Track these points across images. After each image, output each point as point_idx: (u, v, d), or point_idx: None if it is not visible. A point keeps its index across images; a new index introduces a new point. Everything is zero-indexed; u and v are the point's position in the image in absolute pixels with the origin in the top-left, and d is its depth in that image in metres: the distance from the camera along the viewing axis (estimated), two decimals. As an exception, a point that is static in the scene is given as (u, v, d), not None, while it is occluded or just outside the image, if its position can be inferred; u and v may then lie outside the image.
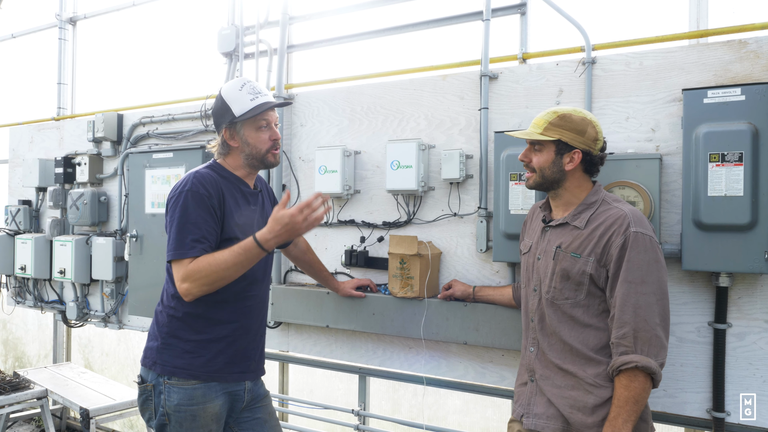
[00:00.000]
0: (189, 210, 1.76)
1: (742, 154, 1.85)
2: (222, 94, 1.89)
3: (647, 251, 1.62)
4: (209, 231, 1.76)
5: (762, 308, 1.98)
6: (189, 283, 1.72)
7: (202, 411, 1.84)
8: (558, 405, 1.71)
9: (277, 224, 1.71)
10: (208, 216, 1.77)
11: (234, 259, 1.71)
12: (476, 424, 3.01)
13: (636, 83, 2.17)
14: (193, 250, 1.73)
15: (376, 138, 2.71)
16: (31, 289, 3.95)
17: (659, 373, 1.58)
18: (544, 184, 1.79)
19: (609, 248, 1.65)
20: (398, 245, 2.40)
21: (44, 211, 4.01)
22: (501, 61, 2.50)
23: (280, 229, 1.70)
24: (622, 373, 1.59)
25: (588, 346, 1.69)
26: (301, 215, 1.70)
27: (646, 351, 1.57)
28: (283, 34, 2.99)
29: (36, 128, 4.12)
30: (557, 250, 1.75)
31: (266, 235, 1.71)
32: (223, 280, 1.74)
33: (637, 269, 1.61)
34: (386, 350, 2.66)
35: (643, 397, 1.57)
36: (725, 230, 1.89)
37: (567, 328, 1.72)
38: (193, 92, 3.50)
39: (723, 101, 1.91)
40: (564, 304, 1.72)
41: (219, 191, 1.83)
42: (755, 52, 1.99)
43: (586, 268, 1.68)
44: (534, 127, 1.78)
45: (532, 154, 1.79)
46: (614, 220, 1.67)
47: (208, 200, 1.78)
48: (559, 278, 1.73)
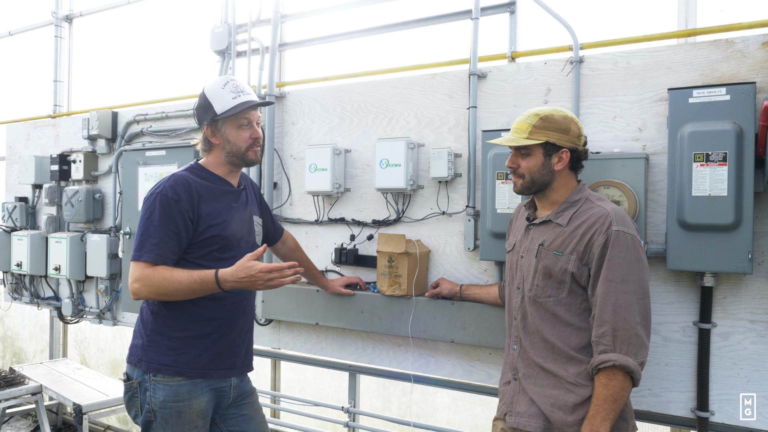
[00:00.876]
0: (154, 214, 1.79)
1: (727, 154, 1.85)
2: (205, 91, 1.91)
3: (629, 250, 1.62)
4: (170, 236, 1.78)
5: (746, 308, 1.98)
6: (140, 284, 1.76)
7: (188, 407, 1.85)
8: (539, 404, 1.71)
9: (242, 272, 1.71)
10: (171, 221, 1.79)
11: (189, 285, 1.74)
12: (465, 422, 3.03)
13: (623, 82, 2.17)
14: (149, 254, 1.76)
15: (366, 136, 2.72)
16: (28, 286, 3.97)
17: (638, 372, 1.58)
18: (533, 187, 1.78)
19: (591, 247, 1.65)
20: (386, 243, 2.41)
21: (40, 208, 4.03)
22: (490, 59, 2.50)
23: (243, 277, 1.71)
24: (601, 371, 1.60)
25: (569, 344, 1.69)
26: (268, 275, 1.70)
27: (625, 350, 1.58)
28: (275, 32, 2.99)
29: (32, 125, 4.13)
30: (540, 248, 1.75)
31: (228, 277, 1.72)
32: (172, 297, 1.78)
33: (618, 268, 1.61)
34: (375, 348, 2.67)
35: (621, 396, 1.58)
36: (709, 230, 1.89)
37: (549, 326, 1.72)
38: (186, 90, 3.51)
39: (708, 101, 1.91)
40: (546, 302, 1.73)
41: (192, 193, 1.83)
42: (742, 51, 1.98)
43: (568, 266, 1.68)
44: (517, 132, 1.76)
45: (519, 159, 1.78)
46: (596, 218, 1.67)
47: (176, 204, 1.79)
48: (541, 276, 1.73)
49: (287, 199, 2.93)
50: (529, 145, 1.73)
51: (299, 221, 2.88)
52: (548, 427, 1.70)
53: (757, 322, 1.96)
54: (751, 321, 1.97)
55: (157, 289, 1.75)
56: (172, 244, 1.79)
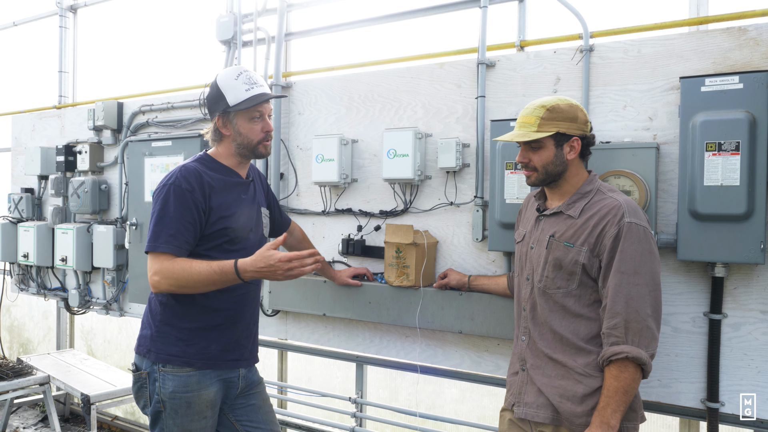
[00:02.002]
0: (169, 204, 1.77)
1: (739, 143, 1.83)
2: (217, 81, 1.88)
3: (641, 242, 1.60)
4: (186, 226, 1.77)
5: (757, 298, 1.96)
6: (159, 277, 1.74)
7: (197, 398, 1.85)
8: (548, 394, 1.71)
9: (262, 261, 1.69)
10: (187, 211, 1.77)
11: (209, 276, 1.72)
12: (472, 413, 3.03)
13: (634, 71, 2.14)
14: (167, 244, 1.74)
15: (373, 126, 2.70)
16: (34, 277, 3.99)
17: (649, 364, 1.58)
18: (547, 179, 1.76)
19: (602, 238, 1.64)
20: (394, 234, 2.40)
21: (46, 199, 4.04)
22: (499, 48, 2.47)
23: (263, 267, 1.69)
24: (612, 363, 1.59)
25: (578, 335, 1.69)
26: (288, 264, 1.68)
27: (636, 342, 1.57)
28: (281, 21, 2.97)
29: (37, 116, 4.13)
30: (550, 239, 1.74)
31: (248, 267, 1.70)
32: (192, 289, 1.75)
33: (630, 260, 1.60)
34: (383, 339, 2.67)
35: (632, 388, 1.57)
36: (721, 220, 1.87)
37: (558, 317, 1.71)
38: (192, 80, 3.49)
39: (721, 89, 1.89)
40: (556, 293, 1.72)
41: (204, 185, 1.82)
42: (755, 39, 1.96)
43: (579, 257, 1.67)
44: (525, 126, 1.74)
45: (530, 153, 1.76)
46: (608, 210, 1.65)
47: (190, 195, 1.78)
48: (551, 267, 1.72)
49: (294, 190, 2.92)
50: (540, 138, 1.72)
51: (306, 212, 2.87)
52: (557, 418, 1.70)
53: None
54: (763, 312, 1.96)
55: (177, 281, 1.73)
56: (189, 235, 1.78)
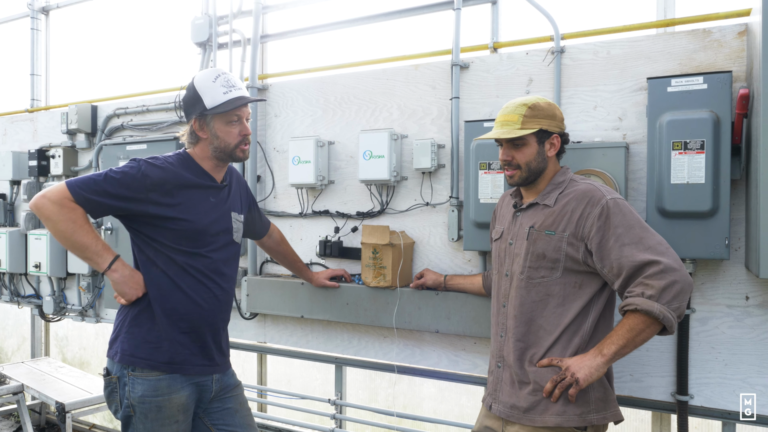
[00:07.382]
0: (117, 172, 1.79)
1: (704, 142, 1.88)
2: (195, 83, 1.85)
3: (632, 212, 1.64)
4: (112, 198, 1.78)
5: (724, 293, 2.01)
6: (50, 204, 1.73)
7: (168, 402, 1.83)
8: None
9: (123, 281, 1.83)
10: (123, 188, 1.77)
11: (85, 244, 1.78)
12: (451, 411, 3.05)
13: (604, 72, 2.19)
14: (78, 195, 1.75)
15: (349, 128, 2.71)
16: (7, 284, 3.90)
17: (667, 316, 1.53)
18: (530, 177, 1.78)
19: (585, 220, 1.66)
20: (371, 235, 2.41)
21: (19, 205, 3.96)
22: (472, 50, 2.50)
23: (118, 278, 1.83)
24: (628, 313, 1.59)
25: (560, 325, 1.69)
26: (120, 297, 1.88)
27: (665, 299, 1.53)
28: (256, 23, 2.96)
29: (9, 120, 4.05)
30: (530, 230, 1.75)
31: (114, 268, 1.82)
32: (62, 241, 1.79)
33: (630, 230, 1.60)
34: (361, 340, 2.67)
35: (640, 329, 1.56)
36: (688, 217, 1.92)
37: (540, 307, 1.72)
38: (167, 83, 3.46)
39: (686, 90, 1.94)
40: (540, 282, 1.72)
41: (168, 180, 1.81)
42: (719, 41, 2.01)
43: (562, 244, 1.69)
44: (508, 124, 1.76)
45: (513, 151, 1.78)
46: (583, 193, 1.68)
47: (140, 181, 1.79)
48: (534, 258, 1.73)
49: (271, 192, 2.91)
50: (524, 135, 1.74)
51: (283, 214, 2.87)
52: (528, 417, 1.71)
53: (734, 306, 2.00)
54: (729, 306, 2.01)
55: (56, 225, 1.74)
56: (107, 207, 1.79)
